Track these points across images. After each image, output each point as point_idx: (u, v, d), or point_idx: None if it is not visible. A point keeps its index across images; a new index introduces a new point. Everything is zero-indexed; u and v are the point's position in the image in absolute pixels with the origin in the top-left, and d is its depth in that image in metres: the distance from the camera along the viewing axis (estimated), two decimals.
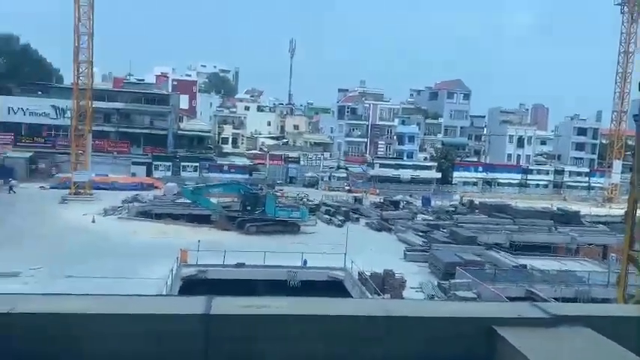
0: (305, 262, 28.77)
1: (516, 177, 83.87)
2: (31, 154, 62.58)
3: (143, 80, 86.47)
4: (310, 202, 50.24)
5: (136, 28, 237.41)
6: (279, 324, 2.35)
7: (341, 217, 44.44)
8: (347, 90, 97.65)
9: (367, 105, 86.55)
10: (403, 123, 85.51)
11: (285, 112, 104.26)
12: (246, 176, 64.99)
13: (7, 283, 23.08)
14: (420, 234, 39.43)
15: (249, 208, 38.88)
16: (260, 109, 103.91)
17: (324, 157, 77.66)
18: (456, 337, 2.35)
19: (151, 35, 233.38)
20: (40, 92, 69.97)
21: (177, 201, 45.62)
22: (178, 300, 2.80)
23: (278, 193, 50.14)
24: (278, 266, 27.97)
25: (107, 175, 57.30)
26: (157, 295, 2.34)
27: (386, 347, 2.34)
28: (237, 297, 2.63)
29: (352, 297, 25.89)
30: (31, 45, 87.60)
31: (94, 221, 37.64)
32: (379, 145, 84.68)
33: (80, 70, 48.04)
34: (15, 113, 64.97)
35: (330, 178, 71.74)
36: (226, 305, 2.48)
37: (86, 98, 48.80)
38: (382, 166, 76.97)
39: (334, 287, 27.67)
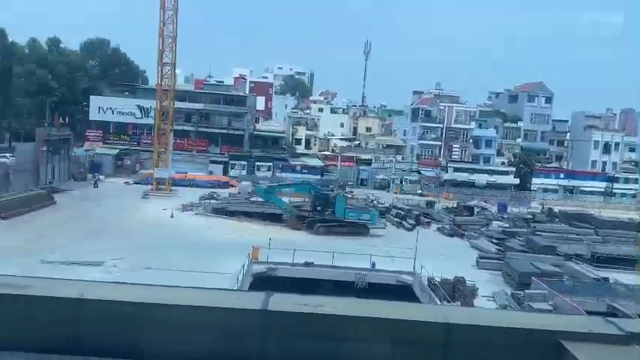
0: (373, 264, 28.61)
1: (601, 185, 78.94)
2: (117, 150, 66.50)
3: (222, 82, 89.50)
4: (380, 205, 49.90)
5: (218, 32, 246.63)
6: (335, 324, 2.34)
7: (411, 221, 43.74)
8: (422, 92, 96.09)
9: (442, 107, 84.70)
10: (480, 126, 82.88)
11: (358, 114, 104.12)
12: (318, 177, 65.56)
13: (91, 272, 24.67)
14: (495, 241, 38.04)
15: (319, 208, 39.17)
16: (333, 110, 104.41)
17: (397, 159, 76.77)
18: (519, 349, 2.24)
19: (232, 38, 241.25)
20: (127, 93, 74.20)
21: (251, 199, 46.83)
22: (238, 294, 2.86)
23: (348, 195, 50.16)
24: (346, 267, 28.01)
25: (186, 173, 59.79)
26: (218, 289, 2.41)
27: (444, 354, 2.27)
28: (294, 294, 2.65)
29: (420, 302, 25.45)
30: (121, 48, 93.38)
31: (172, 216, 39.36)
32: (454, 149, 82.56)
33: (164, 71, 50.45)
34: (104, 112, 69.19)
35: (401, 181, 70.85)
36: (284, 302, 2.51)
37: (168, 99, 51.19)
38: (456, 170, 75.02)
39: (402, 292, 27.28)
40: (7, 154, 48.27)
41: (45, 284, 2.45)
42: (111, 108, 69.18)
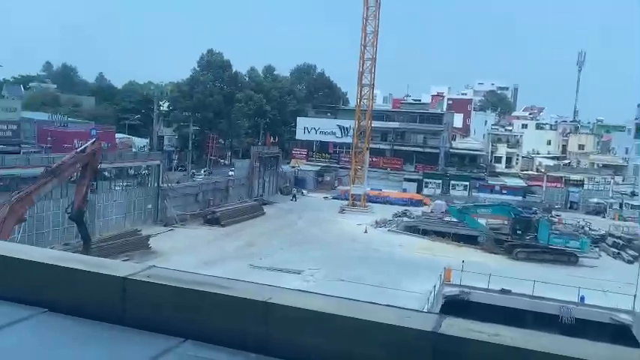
0: (582, 298, 25.54)
1: None
2: (319, 167, 71.12)
3: (419, 100, 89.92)
4: (593, 232, 44.48)
5: (417, 51, 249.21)
6: (508, 356, 2.08)
7: (633, 252, 38.11)
8: None
9: None
10: None
11: (568, 131, 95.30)
12: (519, 198, 61.19)
13: (292, 279, 26.63)
14: None
15: (519, 232, 36.57)
16: (539, 126, 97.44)
17: (615, 181, 67.90)
18: None
19: (432, 57, 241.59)
20: (329, 114, 79.11)
21: (445, 219, 45.76)
22: (410, 313, 2.75)
23: (555, 219, 45.85)
24: (549, 298, 25.50)
25: (380, 190, 61.13)
26: (388, 306, 2.33)
27: None
28: (470, 320, 2.45)
29: None
30: (325, 72, 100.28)
31: (366, 231, 40.53)
32: None
33: (363, 93, 52.61)
34: (309, 132, 74.73)
35: (621, 206, 62.28)
36: (457, 327, 2.31)
37: (367, 119, 53.16)
38: None
39: (618, 332, 23.83)
40: (230, 170, 55.22)
41: (241, 286, 2.64)
42: (314, 128, 74.38)
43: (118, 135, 59.53)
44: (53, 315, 2.36)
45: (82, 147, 25.64)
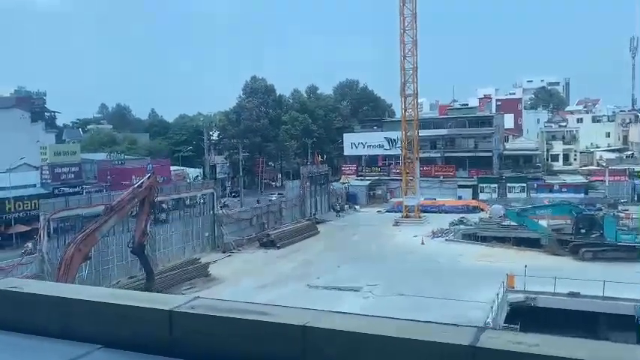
0: None
1: None
2: (369, 181, 70.85)
3: (467, 105, 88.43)
4: None
5: (462, 55, 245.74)
6: None
7: None
8: None
9: None
10: None
11: (627, 120, 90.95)
12: (581, 195, 58.68)
13: (350, 297, 26.51)
14: None
15: (583, 231, 35.02)
16: (595, 119, 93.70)
17: None
18: None
19: (477, 59, 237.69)
20: (375, 127, 78.98)
21: (503, 223, 44.37)
22: (445, 328, 2.75)
23: (621, 214, 43.58)
24: (622, 299, 24.21)
25: (435, 199, 60.15)
26: (427, 322, 2.37)
27: None
28: (509, 332, 2.43)
29: None
30: (368, 86, 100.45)
31: (422, 243, 39.89)
32: None
33: (407, 103, 52.27)
34: (356, 147, 74.81)
35: None
36: (496, 339, 2.31)
37: (413, 128, 52.69)
38: None
39: None
40: (275, 194, 55.90)
41: (279, 311, 2.72)
42: (362, 143, 74.42)
43: (172, 167, 61.63)
44: (108, 351, 2.51)
45: (139, 182, 26.73)
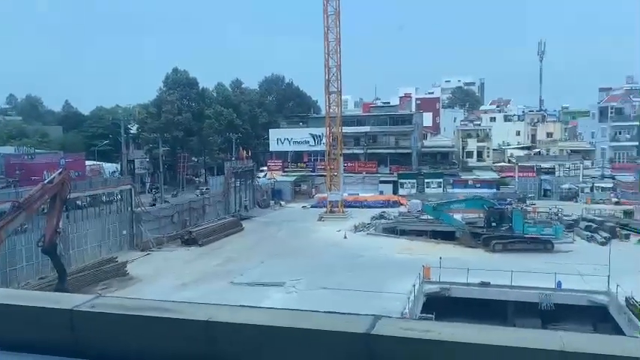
0: (559, 283, 26.08)
1: None
2: (295, 177, 71.16)
3: (388, 103, 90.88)
4: (566, 217, 45.42)
5: (385, 54, 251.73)
6: (441, 351, 2.23)
7: (605, 234, 39.03)
8: (610, 89, 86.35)
9: (637, 103, 74.92)
10: None
11: (535, 120, 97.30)
12: (493, 191, 62.17)
13: (274, 292, 26.57)
14: None
15: (494, 224, 37.13)
16: (507, 118, 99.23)
17: (584, 165, 69.51)
18: None
19: (400, 59, 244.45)
20: (300, 123, 79.34)
21: (421, 217, 46.22)
22: (347, 317, 2.89)
23: (529, 208, 46.62)
24: (528, 287, 25.97)
25: (358, 194, 61.43)
26: (325, 312, 2.48)
27: None
28: (404, 319, 2.59)
29: (619, 325, 22.45)
30: (294, 82, 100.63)
31: (345, 237, 40.66)
32: None
33: (331, 100, 52.92)
34: (282, 143, 74.82)
35: (592, 190, 63.76)
36: (389, 327, 2.45)
37: (337, 125, 53.45)
38: None
39: (596, 313, 24.41)
40: (198, 191, 54.95)
41: (183, 308, 2.73)
42: (287, 138, 74.52)
43: (87, 162, 58.67)
44: (6, 354, 2.42)
45: (50, 178, 25.28)
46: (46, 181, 24.98)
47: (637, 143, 73.46)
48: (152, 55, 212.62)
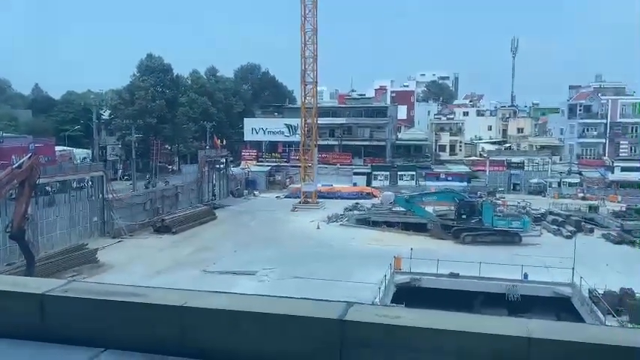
0: (526, 275, 26.75)
1: None
2: (269, 167, 70.89)
3: (364, 95, 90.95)
4: (534, 211, 46.48)
5: (362, 47, 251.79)
6: (412, 336, 2.30)
7: (571, 228, 40.13)
8: (579, 86, 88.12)
9: (604, 101, 76.72)
10: None
11: (507, 115, 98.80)
12: (464, 184, 63.14)
13: (247, 280, 26.57)
14: None
15: (464, 216, 37.76)
16: (480, 113, 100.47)
17: (553, 161, 71.07)
18: None
19: (376, 51, 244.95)
20: (276, 113, 78.89)
21: (394, 209, 46.65)
22: (320, 304, 2.94)
23: (499, 201, 47.54)
24: (495, 278, 26.55)
25: (332, 185, 61.60)
26: (299, 298, 2.53)
27: None
28: (375, 305, 2.65)
29: (581, 316, 23.17)
30: (270, 71, 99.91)
31: (318, 228, 40.83)
32: (621, 146, 74.13)
33: (306, 90, 52.81)
34: (257, 133, 74.29)
35: (559, 185, 65.28)
36: (362, 313, 2.52)
37: (312, 116, 53.40)
38: (624, 169, 67.15)
39: (560, 304, 25.11)
40: (166, 180, 54.39)
41: (157, 293, 2.74)
42: (262, 128, 74.01)
43: (57, 148, 57.40)
44: None
45: (19, 163, 24.69)
46: (14, 166, 24.40)
47: (603, 140, 75.44)
48: (127, 41, 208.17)
